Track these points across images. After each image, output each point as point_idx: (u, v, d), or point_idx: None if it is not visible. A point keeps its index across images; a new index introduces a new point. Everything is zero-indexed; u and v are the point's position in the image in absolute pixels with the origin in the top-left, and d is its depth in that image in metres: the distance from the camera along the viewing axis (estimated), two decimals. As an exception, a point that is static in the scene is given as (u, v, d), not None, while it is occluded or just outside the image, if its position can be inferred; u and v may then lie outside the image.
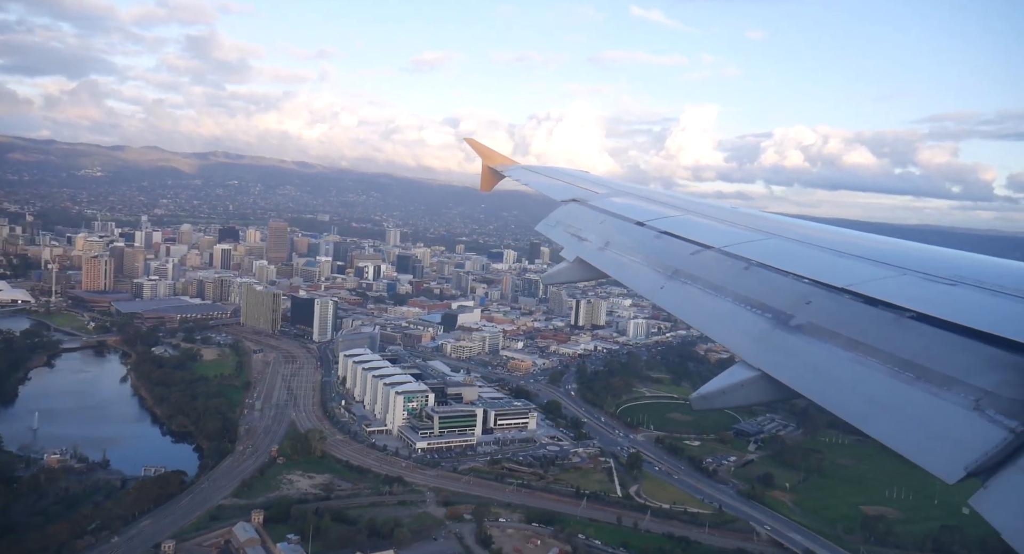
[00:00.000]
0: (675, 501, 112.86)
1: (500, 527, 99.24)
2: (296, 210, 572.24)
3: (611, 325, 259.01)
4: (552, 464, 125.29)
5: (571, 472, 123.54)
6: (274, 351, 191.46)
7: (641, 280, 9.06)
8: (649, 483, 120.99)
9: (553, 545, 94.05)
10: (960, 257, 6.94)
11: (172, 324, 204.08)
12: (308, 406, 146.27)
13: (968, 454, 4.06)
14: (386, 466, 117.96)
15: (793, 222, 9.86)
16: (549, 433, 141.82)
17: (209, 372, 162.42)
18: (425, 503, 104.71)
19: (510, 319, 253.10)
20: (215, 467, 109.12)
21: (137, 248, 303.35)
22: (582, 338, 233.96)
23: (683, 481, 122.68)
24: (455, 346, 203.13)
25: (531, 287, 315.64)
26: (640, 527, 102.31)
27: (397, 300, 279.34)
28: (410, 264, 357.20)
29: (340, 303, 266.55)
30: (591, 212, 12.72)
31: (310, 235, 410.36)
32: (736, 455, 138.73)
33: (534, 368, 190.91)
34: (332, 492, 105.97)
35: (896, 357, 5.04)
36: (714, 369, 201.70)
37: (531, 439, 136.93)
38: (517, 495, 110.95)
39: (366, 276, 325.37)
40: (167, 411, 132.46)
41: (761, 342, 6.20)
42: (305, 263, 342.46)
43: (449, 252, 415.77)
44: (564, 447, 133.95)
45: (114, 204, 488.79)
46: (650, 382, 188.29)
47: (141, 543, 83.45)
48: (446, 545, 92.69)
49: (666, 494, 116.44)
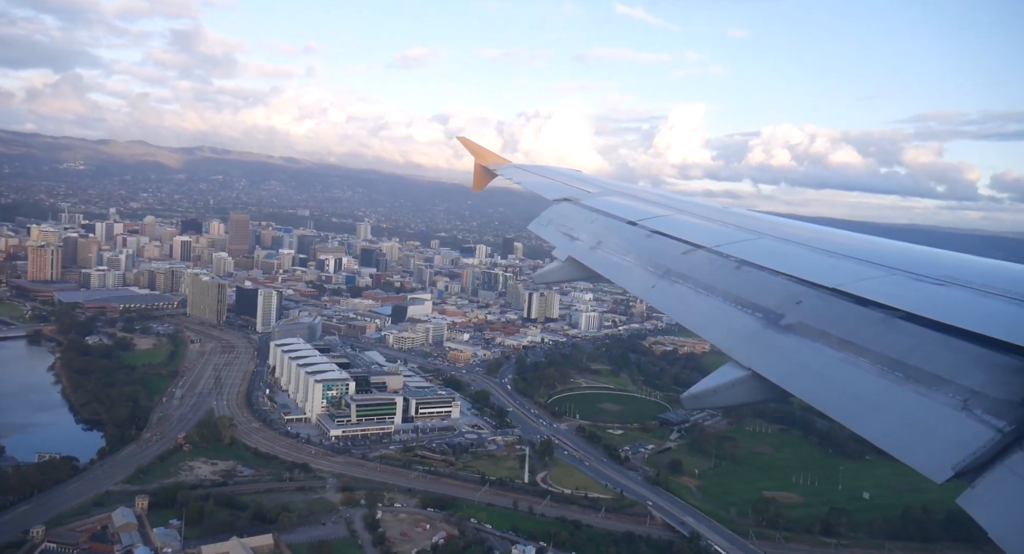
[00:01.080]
0: (579, 487, 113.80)
1: (394, 512, 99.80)
2: (279, 205, 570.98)
3: (564, 318, 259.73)
4: (466, 451, 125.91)
5: (484, 459, 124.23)
6: (214, 341, 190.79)
7: (633, 279, 9.07)
8: (559, 470, 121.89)
9: (441, 529, 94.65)
10: (949, 257, 6.95)
11: (113, 314, 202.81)
12: (232, 395, 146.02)
13: (956, 453, 4.02)
14: (295, 453, 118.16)
15: (783, 222, 9.87)
16: (472, 422, 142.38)
17: (138, 361, 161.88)
18: (324, 489, 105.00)
19: (462, 312, 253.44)
20: (115, 453, 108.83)
21: (91, 239, 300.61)
22: (531, 330, 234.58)
23: (594, 468, 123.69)
24: (397, 337, 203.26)
25: (492, 281, 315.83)
26: (535, 511, 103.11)
27: (354, 293, 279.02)
28: (374, 258, 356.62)
29: (294, 295, 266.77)
30: (583, 211, 12.70)
31: (282, 230, 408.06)
32: (656, 444, 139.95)
33: (474, 359, 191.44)
34: (231, 478, 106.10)
35: (885, 357, 5.05)
36: (657, 361, 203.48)
37: (451, 427, 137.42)
38: (421, 481, 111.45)
39: (327, 269, 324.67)
40: (81, 399, 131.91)
41: (752, 342, 6.20)
42: (266, 255, 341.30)
43: (424, 247, 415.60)
44: (483, 435, 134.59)
45: (92, 197, 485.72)
46: (589, 373, 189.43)
47: (14, 528, 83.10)
48: (334, 529, 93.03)
49: (573, 480, 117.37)
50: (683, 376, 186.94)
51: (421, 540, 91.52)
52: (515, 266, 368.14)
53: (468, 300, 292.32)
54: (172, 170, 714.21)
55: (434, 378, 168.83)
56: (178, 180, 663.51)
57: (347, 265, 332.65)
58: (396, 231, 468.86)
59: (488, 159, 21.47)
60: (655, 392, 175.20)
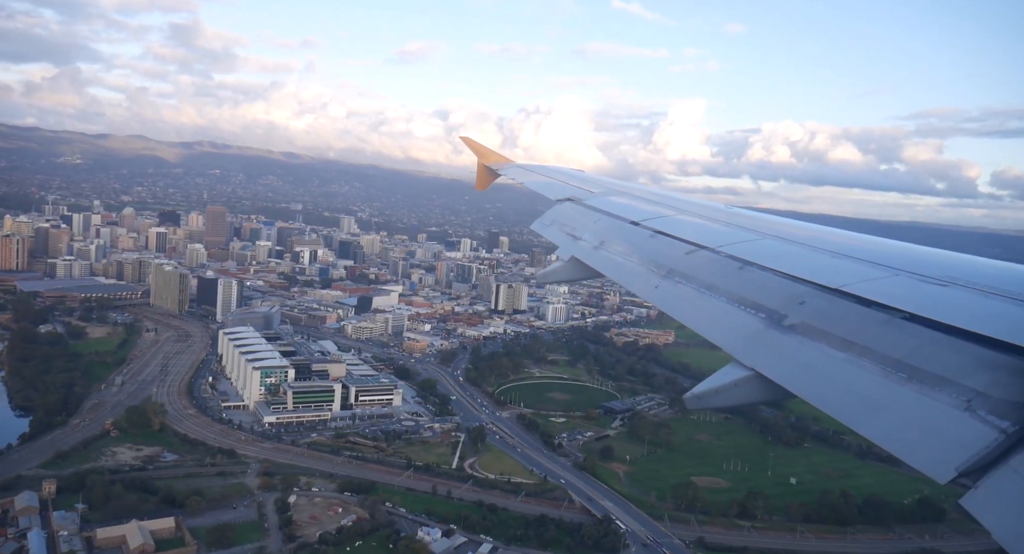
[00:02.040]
0: (505, 472, 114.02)
1: (310, 496, 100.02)
2: (274, 199, 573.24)
3: (532, 310, 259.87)
4: (399, 438, 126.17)
5: (416, 446, 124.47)
6: (171, 330, 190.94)
7: (636, 280, 9.06)
8: (490, 456, 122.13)
9: (353, 512, 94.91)
10: (952, 258, 6.93)
11: (72, 303, 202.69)
12: (175, 383, 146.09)
13: (959, 454, 4.02)
14: (224, 439, 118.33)
15: (786, 222, 9.86)
16: (413, 410, 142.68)
17: (88, 349, 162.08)
18: (245, 474, 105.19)
19: (430, 303, 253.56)
20: (37, 438, 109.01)
21: (62, 230, 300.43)
22: (495, 322, 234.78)
23: (525, 454, 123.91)
24: (355, 327, 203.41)
25: (466, 273, 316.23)
26: (453, 496, 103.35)
27: (326, 284, 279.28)
28: (351, 250, 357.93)
29: (263, 286, 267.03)
30: (586, 211, 12.75)
31: (265, 223, 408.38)
32: (595, 431, 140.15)
33: (430, 349, 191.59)
34: (153, 463, 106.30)
35: (888, 357, 5.05)
36: (615, 352, 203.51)
37: (390, 415, 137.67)
38: (346, 467, 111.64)
39: (302, 261, 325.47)
40: (17, 385, 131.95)
41: (755, 342, 6.20)
42: (242, 247, 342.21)
43: (412, 241, 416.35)
44: (420, 423, 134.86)
45: (85, 191, 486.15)
46: (545, 363, 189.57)
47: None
48: (244, 513, 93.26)
49: (501, 466, 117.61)
50: (638, 366, 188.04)
51: (330, 523, 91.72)
52: (493, 259, 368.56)
53: (441, 292, 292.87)
54: (170, 164, 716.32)
55: (384, 367, 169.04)
56: (175, 174, 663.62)
57: (323, 257, 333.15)
58: (387, 225, 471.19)
59: (491, 159, 21.57)
60: (608, 382, 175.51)
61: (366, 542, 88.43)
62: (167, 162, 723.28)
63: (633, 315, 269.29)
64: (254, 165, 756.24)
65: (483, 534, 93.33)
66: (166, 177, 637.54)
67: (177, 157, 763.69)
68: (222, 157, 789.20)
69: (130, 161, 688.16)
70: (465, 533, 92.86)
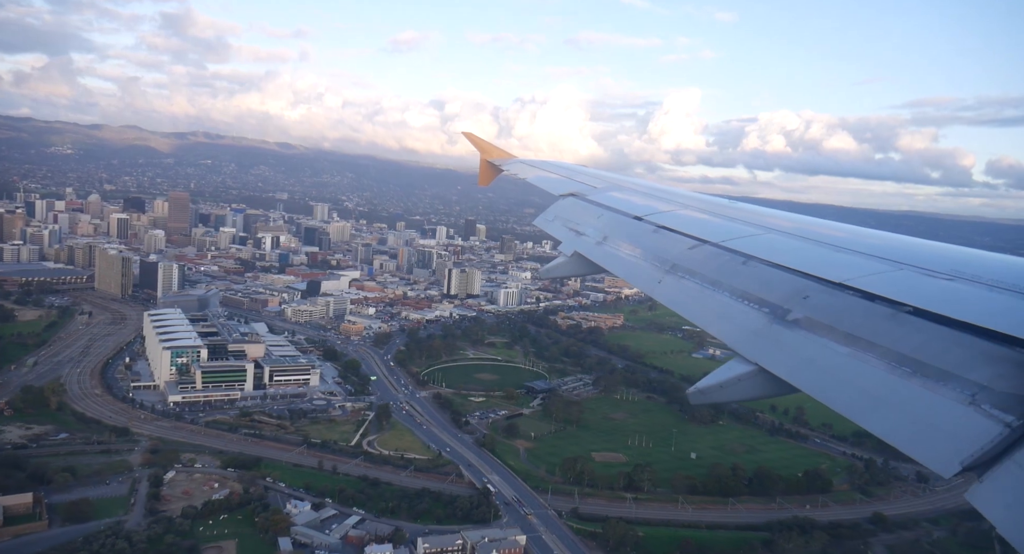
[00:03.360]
0: (403, 449, 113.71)
1: (190, 472, 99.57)
2: (263, 189, 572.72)
3: (487, 294, 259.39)
4: (305, 416, 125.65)
5: (321, 424, 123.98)
6: (109, 313, 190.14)
7: (639, 275, 9.03)
8: (393, 433, 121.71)
9: (229, 487, 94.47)
10: (957, 252, 6.86)
11: (11, 287, 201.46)
12: (93, 364, 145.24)
13: (964, 448, 3.99)
14: (121, 418, 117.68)
15: (789, 216, 9.76)
16: (332, 389, 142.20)
17: (11, 331, 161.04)
18: (132, 452, 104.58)
19: (382, 288, 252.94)
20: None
21: (17, 214, 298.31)
22: (444, 305, 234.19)
23: (430, 432, 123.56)
24: (295, 310, 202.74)
25: (427, 259, 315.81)
26: (340, 471, 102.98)
27: (284, 270, 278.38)
28: (317, 237, 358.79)
29: (218, 271, 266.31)
30: (589, 207, 12.80)
31: (237, 211, 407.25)
32: (511, 410, 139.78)
33: (367, 331, 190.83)
34: (39, 441, 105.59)
35: (893, 352, 5.01)
36: (557, 335, 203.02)
37: (304, 394, 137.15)
38: (240, 444, 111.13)
39: (264, 247, 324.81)
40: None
41: (758, 337, 6.16)
42: (204, 233, 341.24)
43: (391, 229, 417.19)
44: (333, 402, 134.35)
45: (70, 180, 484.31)
46: (483, 345, 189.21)
47: None
48: (117, 488, 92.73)
49: (401, 443, 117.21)
50: (575, 348, 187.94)
51: (201, 497, 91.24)
52: (459, 246, 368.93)
53: (400, 278, 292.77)
54: (161, 154, 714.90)
55: (313, 349, 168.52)
56: (165, 164, 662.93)
57: (286, 243, 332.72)
58: (371, 214, 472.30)
59: (493, 154, 21.50)
60: (541, 363, 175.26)
61: (232, 516, 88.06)
62: (159, 152, 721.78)
63: (589, 300, 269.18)
64: (247, 155, 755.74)
65: (356, 507, 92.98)
66: (156, 167, 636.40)
67: (170, 147, 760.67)
68: (215, 147, 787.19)
69: (122, 151, 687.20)
70: (337, 506, 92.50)
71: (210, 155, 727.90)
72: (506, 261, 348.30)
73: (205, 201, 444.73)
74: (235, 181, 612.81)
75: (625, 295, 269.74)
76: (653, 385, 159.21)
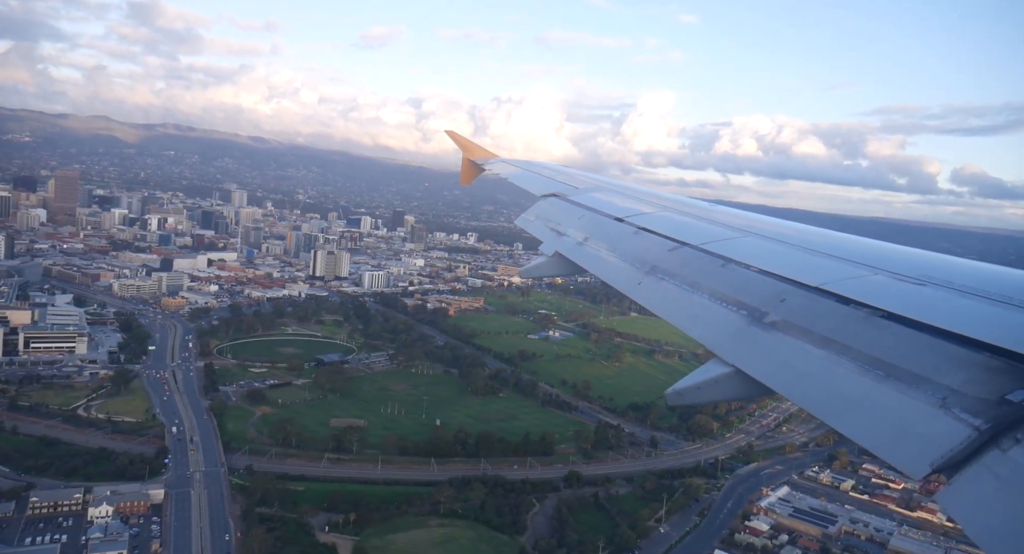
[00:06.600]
0: (120, 412, 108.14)
1: None
2: (219, 180, 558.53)
3: (353, 276, 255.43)
4: (38, 381, 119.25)
5: (54, 389, 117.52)
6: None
7: (619, 276, 8.82)
8: (125, 399, 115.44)
9: None
10: (930, 258, 6.84)
11: None
12: None
13: (934, 451, 3.98)
14: None
15: (768, 220, 9.60)
16: (103, 358, 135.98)
17: None
18: None
19: (241, 268, 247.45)
20: None
21: None
22: (300, 286, 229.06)
23: (170, 399, 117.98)
24: (122, 285, 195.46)
25: (311, 243, 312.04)
26: (20, 431, 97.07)
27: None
28: (213, 220, 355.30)
29: (82, 249, 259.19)
30: (570, 207, 12.76)
31: (159, 202, 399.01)
32: (282, 380, 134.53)
33: (187, 306, 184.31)
34: None
35: (867, 355, 4.99)
36: (397, 316, 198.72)
37: (60, 361, 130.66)
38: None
39: (149, 228, 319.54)
40: None
41: (736, 339, 6.13)
42: (90, 214, 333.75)
43: (323, 219, 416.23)
44: (84, 368, 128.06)
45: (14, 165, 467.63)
46: (313, 323, 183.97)
47: None
48: None
49: (128, 408, 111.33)
50: (404, 326, 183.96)
51: None
52: (352, 232, 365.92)
53: (282, 261, 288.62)
54: (124, 145, 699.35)
55: (112, 320, 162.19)
56: (126, 154, 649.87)
57: (172, 225, 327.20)
58: (317, 207, 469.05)
59: (476, 153, 21.53)
60: (362, 340, 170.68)
61: None
62: (122, 142, 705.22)
63: (467, 286, 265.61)
64: (214, 148, 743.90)
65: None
66: (115, 157, 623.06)
67: (136, 138, 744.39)
68: (184, 139, 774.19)
69: (84, 141, 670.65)
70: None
71: (176, 147, 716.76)
72: (415, 250, 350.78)
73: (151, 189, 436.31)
74: (194, 172, 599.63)
75: (508, 283, 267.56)
76: (458, 361, 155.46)
